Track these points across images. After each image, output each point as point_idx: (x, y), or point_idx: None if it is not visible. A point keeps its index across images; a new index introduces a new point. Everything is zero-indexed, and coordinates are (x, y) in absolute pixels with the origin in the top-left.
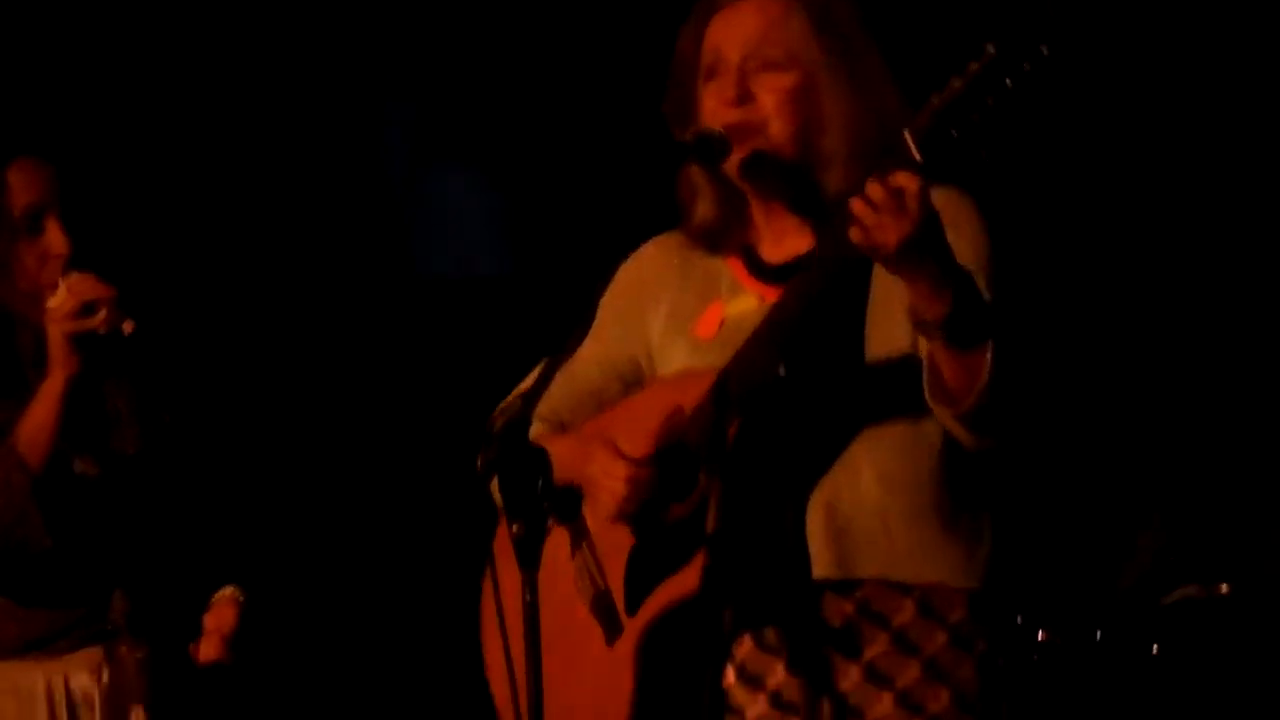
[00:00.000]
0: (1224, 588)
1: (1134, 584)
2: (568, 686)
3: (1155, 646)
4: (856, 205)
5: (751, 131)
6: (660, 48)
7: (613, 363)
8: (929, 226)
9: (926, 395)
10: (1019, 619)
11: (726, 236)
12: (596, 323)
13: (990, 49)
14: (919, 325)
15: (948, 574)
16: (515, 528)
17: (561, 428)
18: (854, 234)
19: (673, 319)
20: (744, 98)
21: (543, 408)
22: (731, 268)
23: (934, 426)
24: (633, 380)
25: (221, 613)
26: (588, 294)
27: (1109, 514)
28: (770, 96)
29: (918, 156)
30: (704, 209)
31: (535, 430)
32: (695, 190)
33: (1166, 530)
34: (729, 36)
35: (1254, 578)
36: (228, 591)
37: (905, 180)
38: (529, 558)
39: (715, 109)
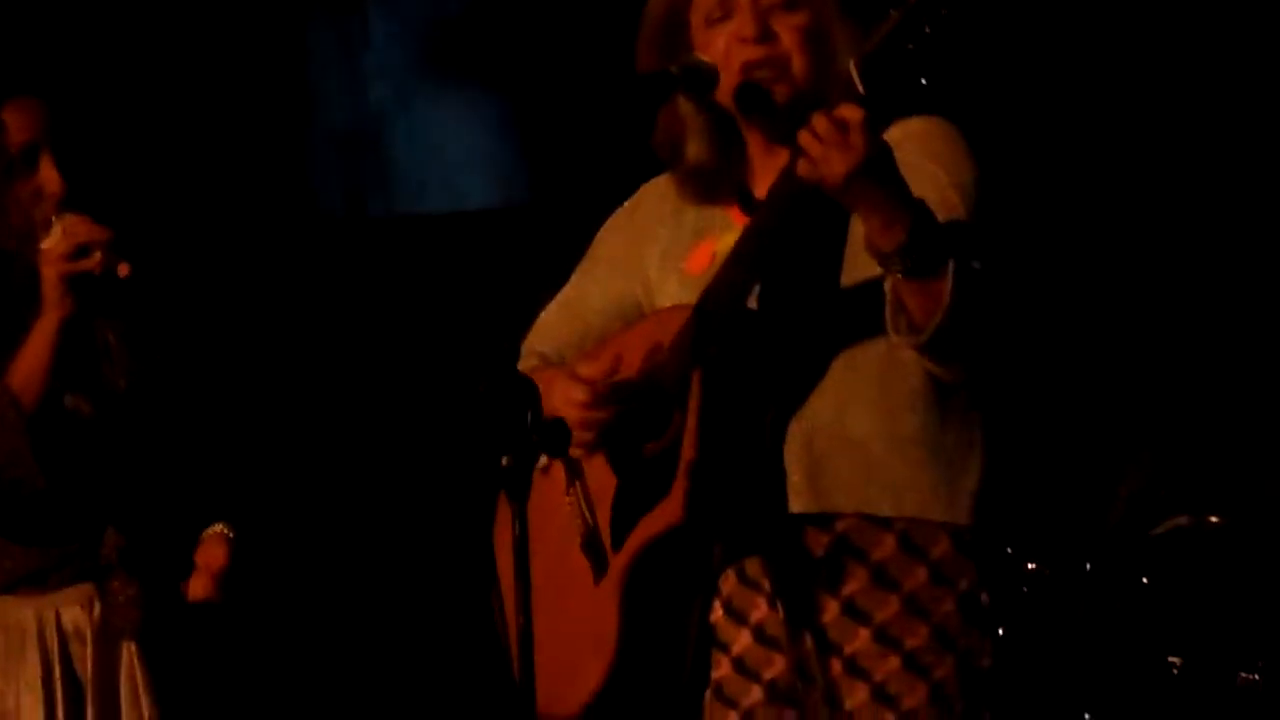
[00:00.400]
0: (1214, 518)
1: (1124, 515)
2: (558, 627)
3: (1145, 577)
4: (803, 138)
5: (774, 67)
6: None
7: (612, 301)
8: (876, 158)
9: (889, 327)
10: (1008, 551)
11: (722, 178)
12: (595, 262)
13: None
14: (876, 256)
15: (929, 507)
16: (504, 460)
17: (562, 363)
18: (801, 167)
19: (666, 257)
20: (766, 34)
21: (545, 345)
22: (726, 209)
23: (914, 355)
24: (633, 318)
25: (211, 550)
26: (591, 230)
27: (1099, 445)
28: (789, 34)
29: (861, 89)
30: (696, 148)
31: (527, 364)
32: (685, 128)
33: (1156, 461)
34: None
35: (1244, 508)
36: (217, 528)
37: (849, 112)
38: (517, 490)
39: (734, 48)
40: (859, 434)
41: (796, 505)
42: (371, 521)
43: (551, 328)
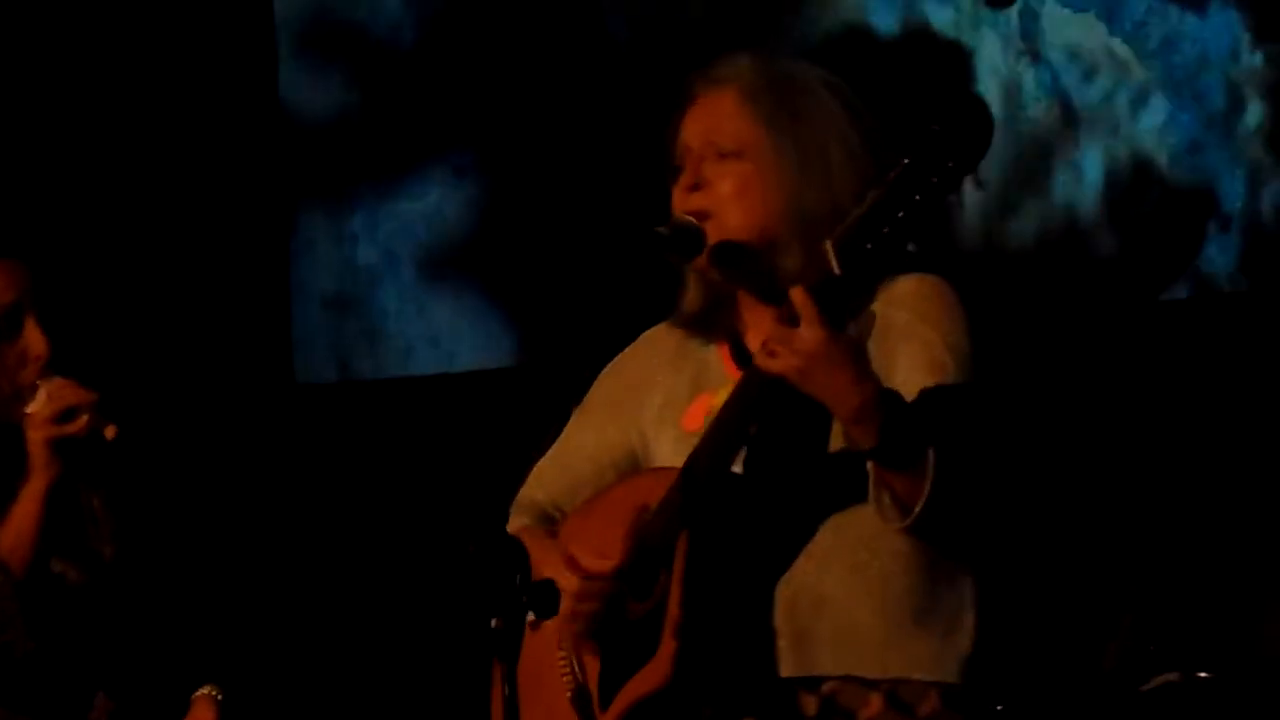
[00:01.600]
0: (1203, 674)
1: (1114, 670)
2: None
3: None
4: (774, 318)
5: (709, 218)
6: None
7: (607, 452)
8: (830, 353)
9: (873, 506)
10: (999, 709)
11: (713, 325)
12: (591, 410)
13: (904, 161)
14: (852, 448)
15: (918, 668)
16: (495, 622)
17: (553, 518)
18: (758, 359)
19: (665, 409)
20: (700, 184)
21: (539, 493)
22: (721, 357)
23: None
24: (627, 470)
25: (201, 713)
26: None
27: (1088, 602)
28: (725, 183)
29: (836, 269)
30: (690, 298)
31: (517, 523)
32: (683, 279)
33: (1144, 617)
34: (691, 129)
35: (1235, 665)
36: (205, 690)
37: (803, 298)
38: (507, 652)
39: (677, 197)
40: (843, 598)
41: (785, 669)
42: (366, 682)
43: (545, 476)
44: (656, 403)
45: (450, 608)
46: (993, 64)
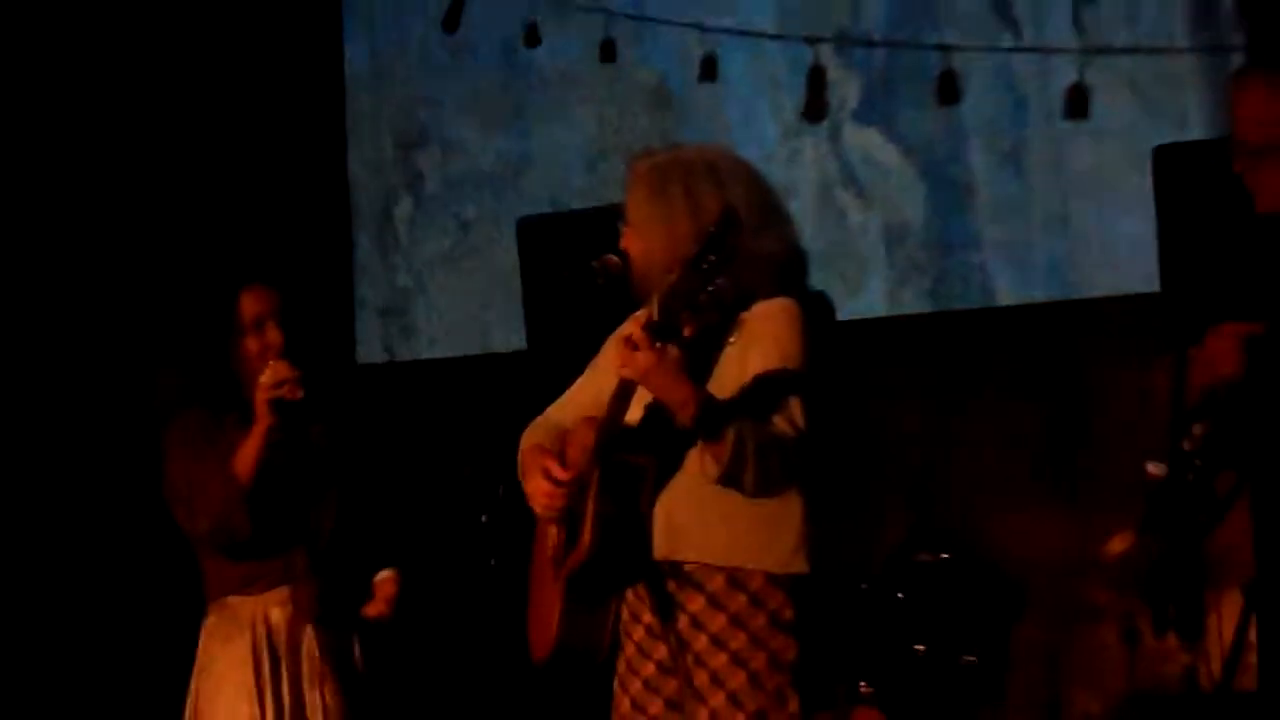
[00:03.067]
0: (945, 555)
1: (888, 553)
2: (540, 604)
3: (901, 594)
4: (623, 343)
5: (616, 264)
6: None
7: (597, 392)
8: (656, 367)
9: (700, 465)
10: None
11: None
12: (593, 368)
13: (694, 251)
14: (680, 428)
15: (750, 559)
16: (483, 518)
17: (564, 432)
18: (619, 367)
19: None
20: (618, 243)
21: (557, 415)
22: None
23: None
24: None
25: (385, 585)
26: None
27: (874, 503)
28: (625, 240)
29: (656, 317)
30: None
31: (530, 440)
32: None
33: (910, 514)
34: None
35: (968, 548)
36: (388, 572)
37: (636, 337)
38: (500, 528)
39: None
40: (699, 508)
41: (658, 554)
42: (424, 556)
43: (554, 412)
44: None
45: (459, 507)
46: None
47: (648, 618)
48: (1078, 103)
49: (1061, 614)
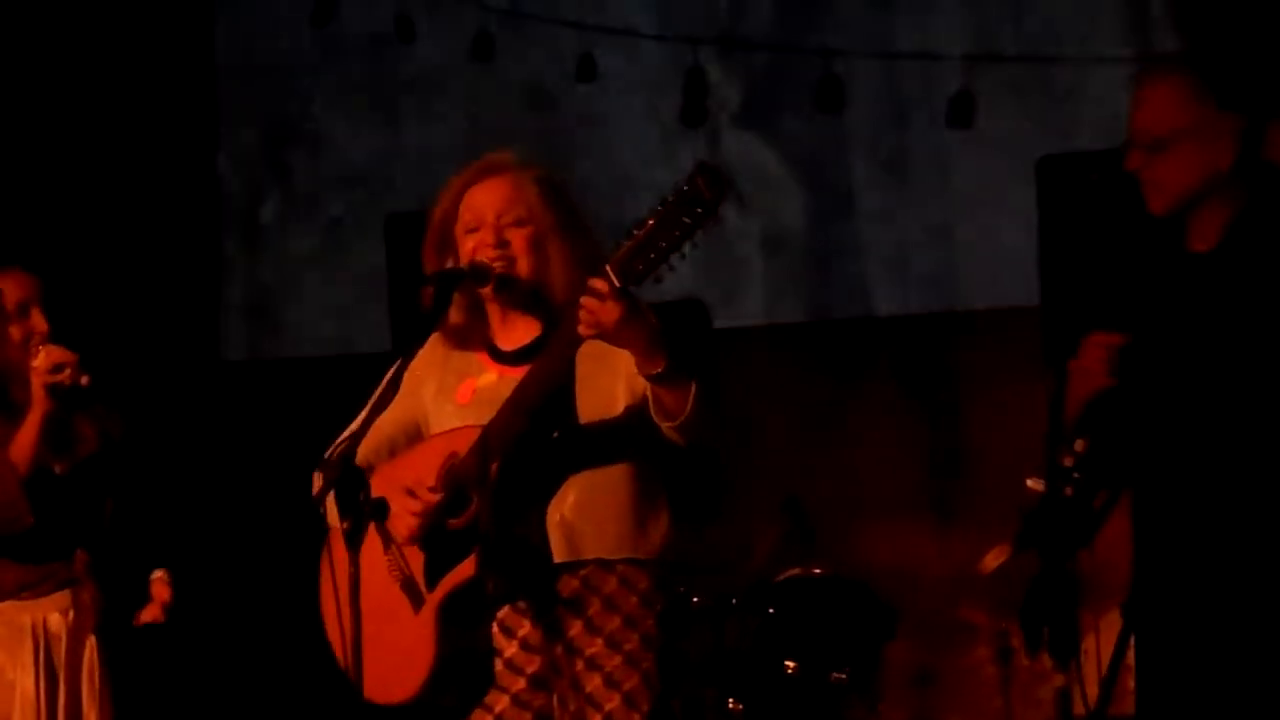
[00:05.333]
0: (817, 570)
1: (758, 567)
2: (385, 642)
3: (771, 608)
4: (582, 306)
5: (506, 263)
6: None
7: (401, 423)
8: (629, 312)
9: (652, 415)
10: (682, 589)
11: (471, 335)
12: (396, 396)
13: (664, 203)
14: (646, 376)
15: (636, 551)
16: (345, 523)
17: (369, 469)
18: (582, 327)
19: (440, 393)
20: (501, 243)
21: (363, 450)
22: (478, 356)
23: (624, 456)
24: (415, 436)
25: (158, 588)
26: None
27: (744, 517)
28: (518, 241)
29: (616, 283)
30: (455, 315)
31: (362, 461)
32: (449, 304)
33: (781, 529)
34: (486, 202)
35: (838, 566)
36: (159, 573)
37: (600, 285)
38: (354, 543)
39: (479, 250)
40: (593, 509)
41: (557, 557)
42: (253, 569)
43: (368, 440)
44: (431, 390)
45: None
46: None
47: (525, 630)
48: (962, 110)
49: (935, 632)
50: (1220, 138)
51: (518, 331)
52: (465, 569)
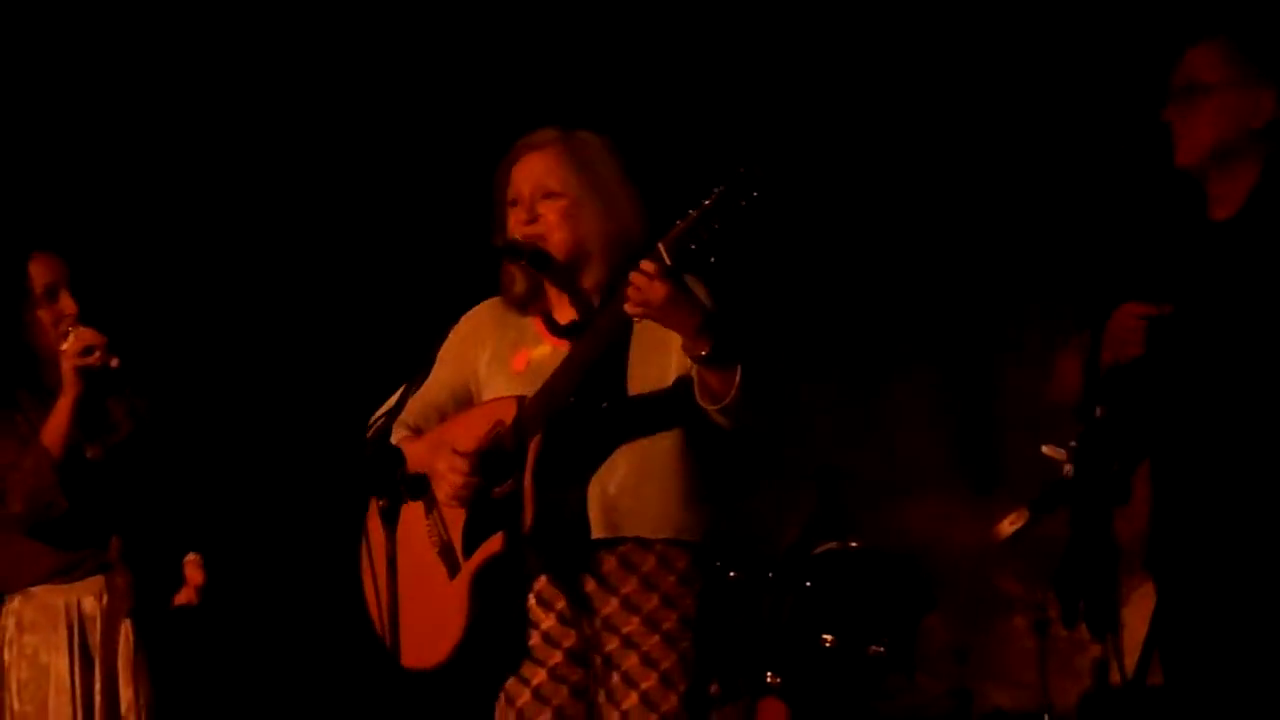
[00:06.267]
0: (854, 544)
1: (794, 541)
2: (420, 609)
3: (808, 582)
4: (631, 285)
5: (539, 238)
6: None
7: (452, 387)
8: (677, 292)
9: (697, 397)
10: (718, 565)
11: (531, 304)
12: (441, 363)
13: (719, 189)
14: (692, 358)
15: (678, 532)
16: (383, 502)
17: (417, 432)
18: (630, 306)
19: (495, 359)
20: (533, 219)
21: (410, 419)
22: (535, 325)
23: (671, 436)
24: (464, 400)
25: (191, 571)
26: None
27: (781, 491)
28: (551, 215)
29: (668, 261)
30: (518, 286)
31: (398, 435)
32: (512, 276)
33: (818, 502)
34: (523, 177)
35: (875, 539)
36: (193, 556)
37: (649, 266)
38: (391, 521)
39: (515, 226)
40: (635, 487)
41: (595, 534)
42: (298, 545)
43: (415, 408)
44: (486, 356)
45: (356, 491)
46: None
47: (562, 604)
48: None
49: (972, 604)
50: (1257, 98)
51: (566, 308)
52: (502, 538)
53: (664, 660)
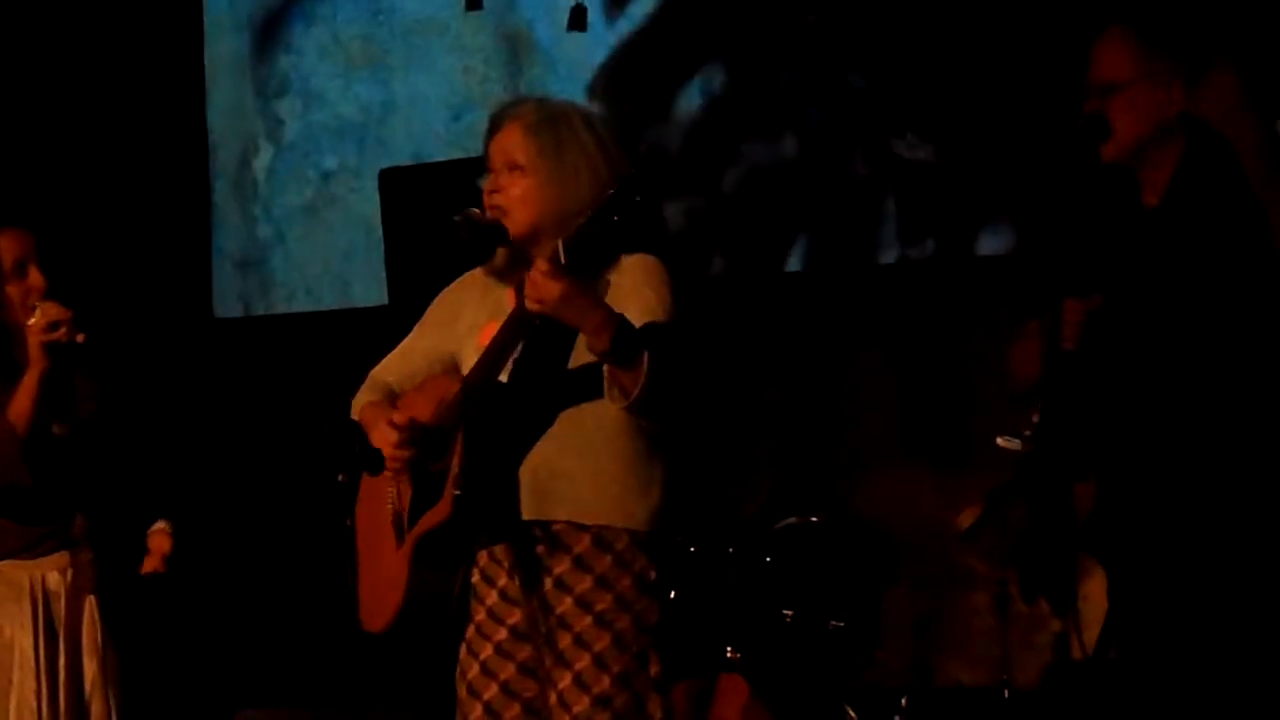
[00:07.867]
0: (814, 519)
1: (754, 514)
2: (373, 575)
3: (768, 557)
4: (530, 277)
5: (501, 211)
6: None
7: (433, 352)
8: (569, 294)
9: (606, 395)
10: (677, 539)
11: (508, 275)
12: (425, 323)
13: (610, 190)
14: (594, 353)
15: (618, 518)
16: (340, 477)
17: (393, 394)
18: (527, 302)
19: (469, 329)
20: (496, 190)
21: (388, 376)
22: (509, 297)
23: (608, 418)
24: (450, 367)
25: (158, 539)
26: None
27: (740, 464)
28: (514, 189)
29: (564, 260)
30: (497, 257)
31: (367, 398)
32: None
33: (775, 479)
34: (498, 146)
35: (837, 513)
36: (161, 524)
37: (541, 267)
38: (350, 496)
39: (484, 196)
40: (569, 468)
41: (526, 514)
42: (264, 516)
43: (392, 365)
44: (465, 324)
45: (315, 467)
46: None
47: (503, 581)
48: None
49: (933, 579)
50: (1168, 90)
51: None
52: (440, 511)
53: (597, 641)
